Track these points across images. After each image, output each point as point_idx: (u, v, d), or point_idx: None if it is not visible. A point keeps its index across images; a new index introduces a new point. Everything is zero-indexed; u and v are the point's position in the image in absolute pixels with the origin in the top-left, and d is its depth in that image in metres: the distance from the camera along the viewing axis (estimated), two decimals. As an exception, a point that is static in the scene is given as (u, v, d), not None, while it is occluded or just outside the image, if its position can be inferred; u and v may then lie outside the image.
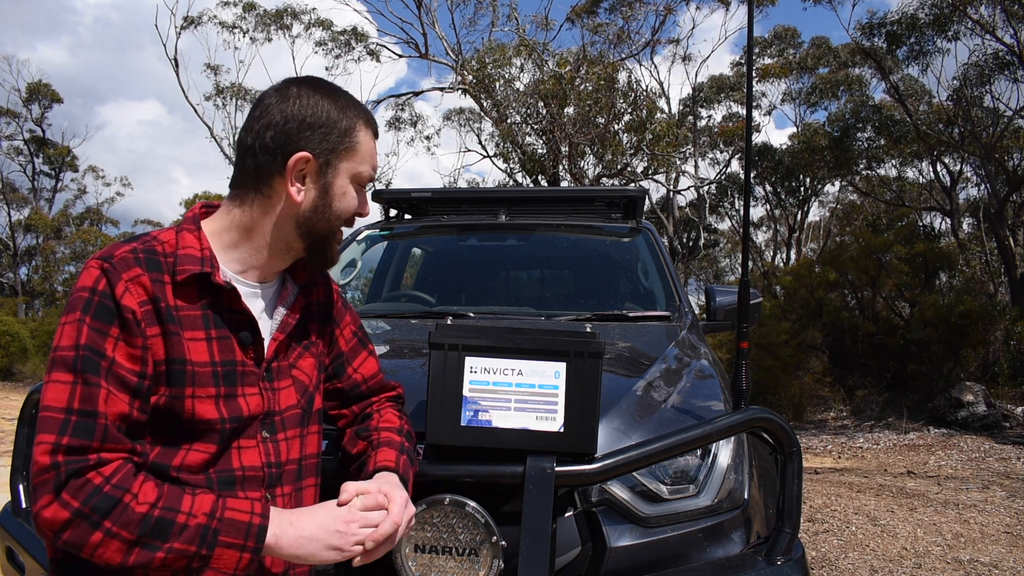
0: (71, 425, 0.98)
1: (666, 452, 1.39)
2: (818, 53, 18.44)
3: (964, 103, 12.36)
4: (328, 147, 1.16)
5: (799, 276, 13.16)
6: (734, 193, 20.66)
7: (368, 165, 1.20)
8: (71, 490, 0.96)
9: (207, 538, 1.00)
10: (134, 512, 0.97)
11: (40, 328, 18.70)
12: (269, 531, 1.05)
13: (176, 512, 0.99)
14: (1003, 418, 8.71)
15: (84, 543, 0.96)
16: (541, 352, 1.38)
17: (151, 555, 0.98)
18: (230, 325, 1.13)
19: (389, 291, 3.57)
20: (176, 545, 0.98)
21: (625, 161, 13.35)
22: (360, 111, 1.21)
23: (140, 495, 0.98)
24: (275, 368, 1.20)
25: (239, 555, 1.02)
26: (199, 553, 1.00)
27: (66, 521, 0.95)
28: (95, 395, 1.00)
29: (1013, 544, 4.34)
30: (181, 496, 1.01)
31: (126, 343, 1.04)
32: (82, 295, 1.03)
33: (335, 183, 1.17)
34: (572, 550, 1.45)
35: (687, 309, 2.74)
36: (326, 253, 1.21)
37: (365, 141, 1.20)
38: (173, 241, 1.12)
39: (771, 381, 10.92)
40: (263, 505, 1.07)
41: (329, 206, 1.17)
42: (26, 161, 26.18)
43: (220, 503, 1.03)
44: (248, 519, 1.03)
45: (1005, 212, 12.20)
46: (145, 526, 0.97)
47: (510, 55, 13.26)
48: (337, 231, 1.21)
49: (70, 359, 1.00)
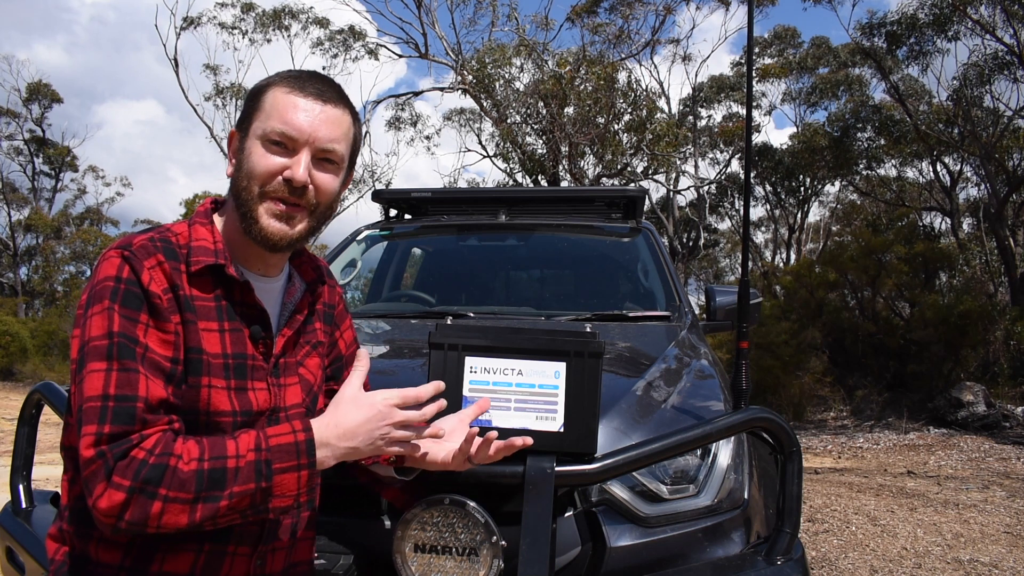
0: (110, 412, 0.97)
1: (666, 452, 1.39)
2: (818, 53, 18.45)
3: (964, 103, 12.37)
4: (243, 116, 1.16)
5: (799, 276, 13.17)
6: (734, 193, 20.65)
7: (275, 120, 1.12)
8: (119, 471, 0.95)
9: (262, 471, 1.01)
10: (184, 472, 0.97)
11: (40, 328, 18.70)
12: (316, 440, 1.06)
13: (224, 459, 1.00)
14: (1003, 418, 8.71)
15: (147, 516, 0.96)
16: (541, 352, 1.38)
17: (215, 506, 0.98)
18: (242, 318, 1.14)
19: (389, 291, 3.57)
20: (236, 489, 0.99)
21: (625, 161, 13.36)
22: (284, 75, 1.17)
23: (184, 455, 0.98)
24: (283, 364, 1.20)
25: (297, 475, 1.03)
26: (259, 487, 1.01)
27: (123, 502, 0.95)
28: (133, 380, 0.99)
29: (1013, 544, 4.34)
30: (224, 443, 1.02)
31: (157, 329, 1.04)
32: (107, 284, 1.02)
33: (245, 146, 1.14)
34: (572, 550, 1.45)
35: (687, 309, 2.74)
36: (249, 224, 1.12)
37: (272, 96, 1.14)
38: (186, 233, 1.12)
39: (771, 381, 10.93)
40: (301, 421, 1.08)
41: (240, 169, 1.14)
42: (26, 161, 26.21)
43: (262, 436, 1.04)
44: (293, 439, 1.04)
45: (1005, 212, 12.20)
46: (200, 482, 0.98)
47: (510, 55, 13.26)
48: (256, 198, 1.12)
49: (104, 347, 1.00)
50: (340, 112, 1.16)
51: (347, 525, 1.47)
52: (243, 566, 1.13)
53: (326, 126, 1.14)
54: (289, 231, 1.14)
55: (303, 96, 1.13)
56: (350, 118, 1.19)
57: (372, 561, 1.42)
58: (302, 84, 1.14)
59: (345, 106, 1.18)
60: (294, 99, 1.13)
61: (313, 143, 1.13)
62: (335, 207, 1.21)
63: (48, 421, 2.86)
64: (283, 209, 1.13)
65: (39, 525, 1.86)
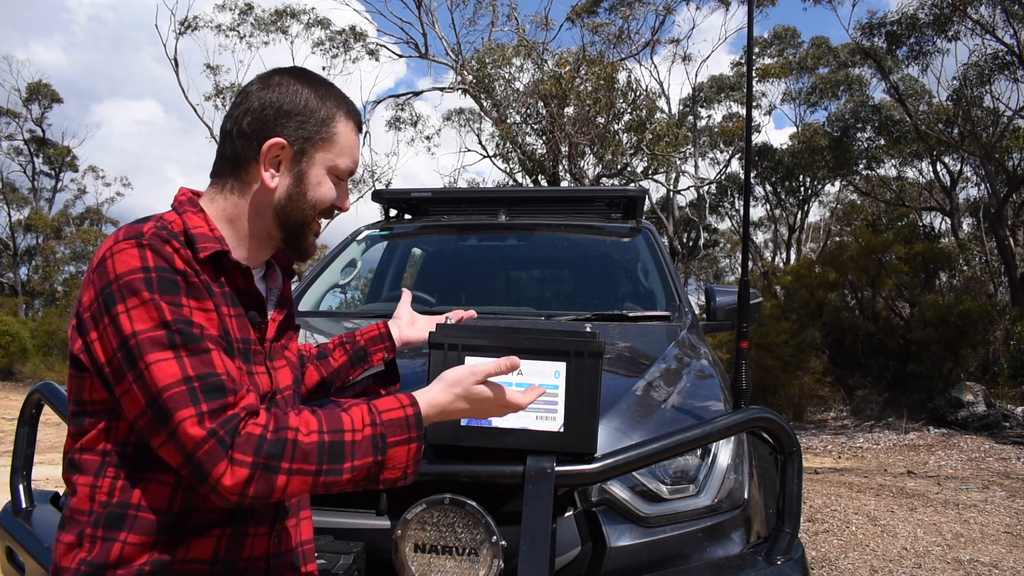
0: (199, 392, 0.97)
1: (666, 452, 1.39)
2: (818, 53, 18.45)
3: (964, 103, 12.37)
4: (304, 135, 1.15)
5: (799, 276, 13.17)
6: (734, 193, 20.66)
7: (347, 158, 1.19)
8: (239, 448, 0.96)
9: (379, 445, 1.04)
10: (306, 444, 0.99)
11: (40, 328, 18.71)
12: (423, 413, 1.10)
13: (342, 432, 1.02)
14: (1003, 418, 8.71)
15: (271, 490, 0.97)
16: (541, 352, 1.38)
17: (338, 478, 1.01)
18: (241, 304, 1.15)
19: (389, 291, 3.57)
20: (356, 463, 1.02)
21: (625, 161, 13.36)
22: (341, 101, 1.19)
23: (303, 428, 1.00)
24: (274, 348, 1.22)
25: (407, 448, 1.07)
26: (376, 460, 1.04)
27: (247, 478, 0.95)
28: (207, 360, 0.99)
29: (1013, 544, 4.34)
30: (339, 416, 1.04)
31: (200, 309, 1.03)
32: (136, 276, 1.00)
33: (310, 172, 1.16)
34: (572, 550, 1.45)
35: (687, 309, 2.74)
36: (300, 244, 1.20)
37: (344, 132, 1.18)
38: (179, 221, 1.11)
39: (771, 381, 10.93)
40: (407, 395, 1.11)
41: (303, 195, 1.16)
42: (26, 161, 26.20)
43: (374, 409, 1.07)
44: (403, 414, 1.08)
45: (1005, 212, 12.20)
46: (322, 454, 1.00)
47: (510, 55, 13.26)
48: (312, 222, 1.19)
49: (163, 337, 0.98)
50: None
51: (347, 525, 1.47)
52: (263, 545, 1.14)
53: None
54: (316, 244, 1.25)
55: (359, 134, 1.22)
56: None
57: (372, 561, 1.42)
58: (359, 121, 1.23)
59: None
60: (357, 138, 1.21)
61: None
62: None
63: (48, 421, 2.87)
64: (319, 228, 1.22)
65: (39, 525, 1.86)
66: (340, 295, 3.62)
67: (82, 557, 1.06)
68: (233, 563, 1.10)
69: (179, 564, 1.06)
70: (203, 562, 1.07)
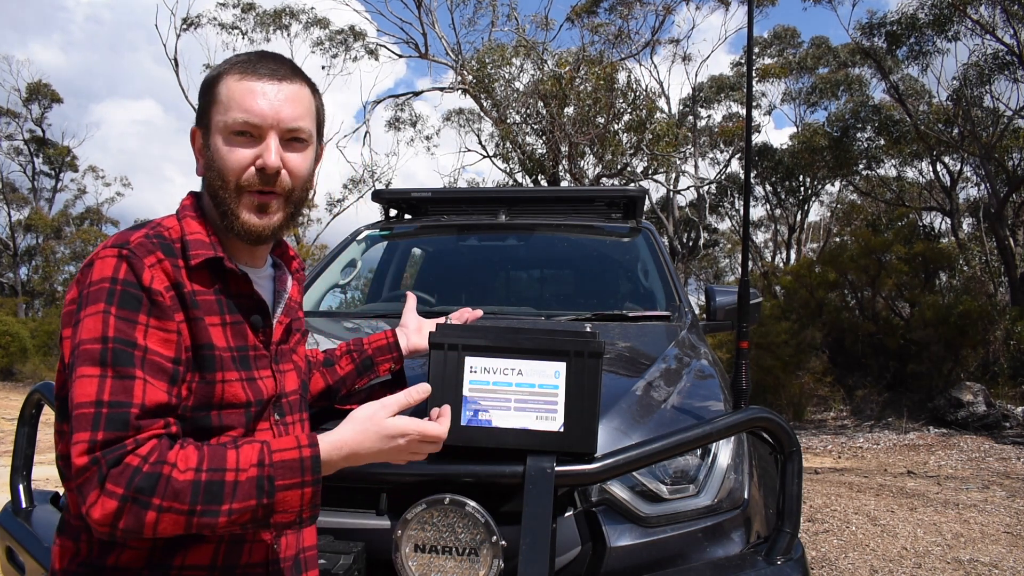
0: (103, 418, 0.94)
1: (666, 452, 1.39)
2: (818, 53, 18.45)
3: (964, 103, 12.36)
4: (201, 111, 1.12)
5: (799, 276, 13.17)
6: (734, 193, 20.66)
7: (234, 111, 1.08)
8: (112, 479, 0.92)
9: (264, 488, 0.97)
10: (178, 482, 0.94)
11: (40, 328, 18.71)
12: (322, 455, 1.02)
13: (223, 472, 0.96)
14: (1003, 418, 8.71)
15: (141, 526, 0.93)
16: (541, 352, 1.38)
17: (213, 520, 0.95)
18: (241, 310, 1.13)
19: (389, 291, 3.57)
20: (235, 505, 0.95)
21: (625, 161, 13.36)
22: (232, 61, 1.12)
23: (180, 463, 0.95)
24: (280, 351, 1.21)
25: (300, 492, 0.99)
26: (260, 504, 0.97)
27: (116, 510, 0.92)
28: (128, 386, 0.96)
29: (1013, 544, 4.34)
30: (224, 454, 0.98)
31: (159, 329, 1.01)
32: (103, 286, 0.99)
33: (211, 143, 1.10)
34: (572, 550, 1.45)
35: (687, 309, 2.74)
36: (231, 221, 1.11)
37: (226, 86, 1.09)
38: (177, 227, 1.10)
39: (771, 381, 10.93)
40: (308, 436, 1.04)
41: (212, 167, 1.10)
42: (26, 161, 26.21)
43: (265, 449, 0.99)
44: (297, 455, 1.00)
45: (1005, 212, 12.19)
46: (196, 493, 0.94)
47: (510, 55, 13.26)
48: (231, 193, 1.10)
49: (96, 352, 0.96)
50: (298, 87, 1.12)
51: (347, 525, 1.47)
52: (261, 552, 1.13)
53: (288, 105, 1.10)
54: (269, 221, 1.12)
55: (257, 79, 1.09)
56: (309, 91, 1.15)
57: (372, 561, 1.42)
58: (254, 67, 1.10)
59: (303, 80, 1.14)
60: (249, 84, 1.09)
61: (278, 125, 1.09)
62: (310, 186, 1.19)
63: (48, 421, 2.87)
64: (260, 200, 1.11)
65: (39, 525, 1.87)
66: (340, 295, 3.62)
67: (81, 560, 1.06)
68: (231, 569, 1.09)
69: (176, 571, 1.06)
70: (201, 568, 1.07)
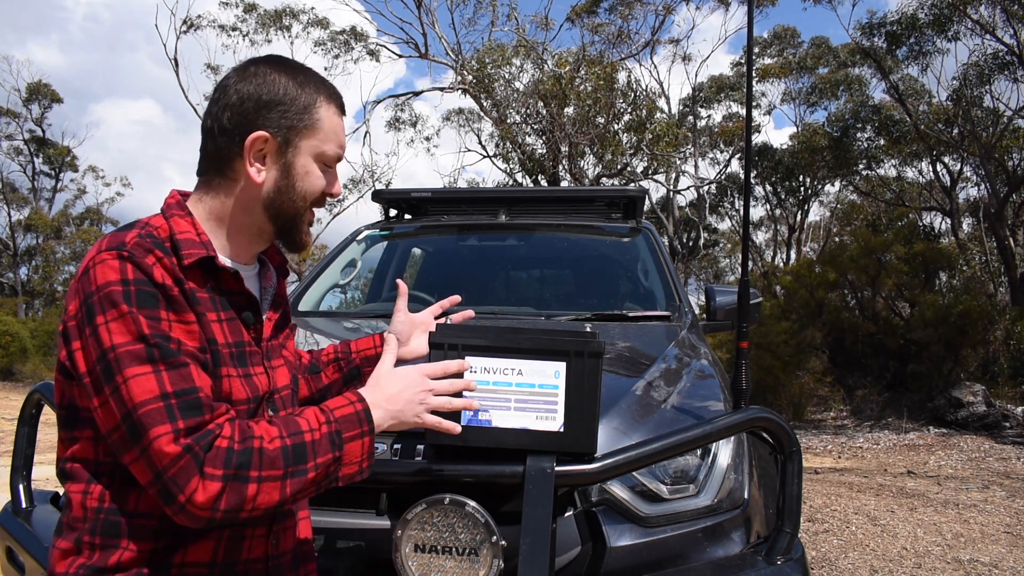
0: (176, 408, 0.96)
1: (666, 452, 1.39)
2: (818, 53, 18.46)
3: (964, 103, 12.37)
4: (287, 125, 1.12)
5: (799, 276, 13.17)
6: (734, 193, 20.66)
7: (333, 143, 1.17)
8: (210, 462, 0.96)
9: (336, 441, 1.07)
10: (270, 451, 1.01)
11: (40, 328, 18.72)
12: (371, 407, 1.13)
13: (301, 434, 1.04)
14: (1003, 418, 8.71)
15: (243, 500, 0.98)
16: (541, 352, 1.38)
17: (304, 479, 1.03)
18: (233, 307, 1.14)
19: (389, 291, 3.57)
20: (319, 460, 1.05)
21: (625, 161, 13.37)
22: (321, 86, 1.17)
23: (265, 436, 1.02)
24: (271, 347, 1.22)
25: (360, 442, 1.10)
26: (334, 457, 1.07)
27: (219, 491, 0.96)
28: (186, 374, 0.99)
29: (1013, 544, 4.34)
30: (295, 420, 1.07)
31: (180, 322, 1.02)
32: (114, 289, 0.98)
33: (296, 162, 1.13)
34: (572, 550, 1.45)
35: (687, 309, 2.74)
36: (294, 236, 1.19)
37: (327, 117, 1.16)
38: (165, 226, 1.09)
39: (771, 381, 10.93)
40: (353, 392, 1.15)
41: (292, 186, 1.14)
42: (26, 161, 26.22)
43: (325, 409, 1.10)
44: (353, 409, 1.11)
45: (1005, 212, 12.20)
46: (287, 457, 1.02)
47: (510, 55, 13.26)
48: (304, 212, 1.17)
49: (141, 351, 0.97)
50: None
51: (347, 525, 1.47)
52: (260, 547, 1.13)
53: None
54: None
55: (343, 117, 1.21)
56: None
57: (372, 561, 1.42)
58: (341, 103, 1.21)
59: None
60: (342, 122, 1.20)
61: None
62: None
63: (48, 421, 2.86)
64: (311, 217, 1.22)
65: (39, 525, 1.86)
66: (340, 295, 3.62)
67: (81, 563, 1.05)
68: (231, 566, 1.10)
69: (177, 568, 1.06)
70: (201, 565, 1.07)
